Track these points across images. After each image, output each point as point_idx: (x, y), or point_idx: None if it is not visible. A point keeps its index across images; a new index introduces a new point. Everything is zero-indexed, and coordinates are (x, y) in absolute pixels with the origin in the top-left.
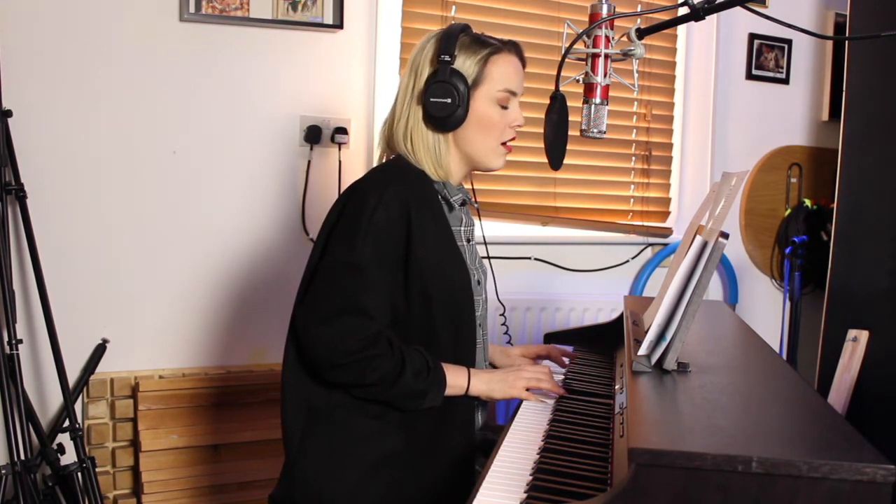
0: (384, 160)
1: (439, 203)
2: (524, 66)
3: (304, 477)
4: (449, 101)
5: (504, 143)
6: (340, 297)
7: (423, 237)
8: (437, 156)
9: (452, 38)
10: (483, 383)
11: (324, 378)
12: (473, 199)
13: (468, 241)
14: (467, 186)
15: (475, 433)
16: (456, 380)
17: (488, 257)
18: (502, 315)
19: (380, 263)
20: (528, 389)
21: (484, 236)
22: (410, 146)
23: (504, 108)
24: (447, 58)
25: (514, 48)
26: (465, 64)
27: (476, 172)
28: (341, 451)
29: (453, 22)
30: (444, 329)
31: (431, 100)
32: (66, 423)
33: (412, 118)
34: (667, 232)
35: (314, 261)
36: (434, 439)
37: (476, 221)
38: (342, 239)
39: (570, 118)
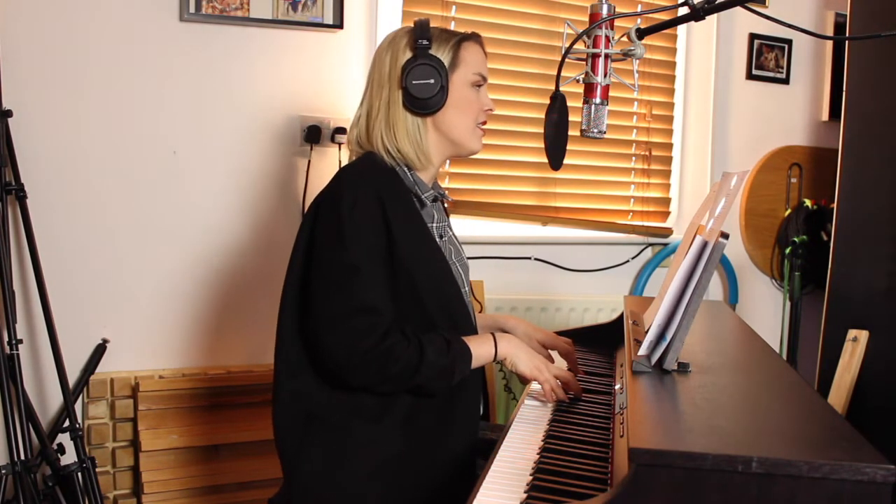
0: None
1: (411, 199)
2: (486, 55)
3: (303, 483)
4: (432, 81)
5: (479, 126)
6: (345, 300)
7: (401, 231)
8: (417, 141)
9: (426, 27)
10: (512, 347)
11: (347, 383)
12: (447, 195)
13: (441, 237)
14: (446, 184)
15: (477, 435)
16: (482, 349)
17: (491, 258)
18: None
19: (372, 258)
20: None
21: (452, 229)
22: (392, 134)
23: (477, 90)
24: (425, 42)
25: (477, 38)
26: (439, 50)
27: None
28: (340, 456)
29: (417, 19)
30: (441, 323)
31: (414, 82)
32: (66, 423)
33: (392, 104)
34: (667, 232)
35: (296, 271)
36: (435, 442)
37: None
38: (330, 244)
39: (570, 118)
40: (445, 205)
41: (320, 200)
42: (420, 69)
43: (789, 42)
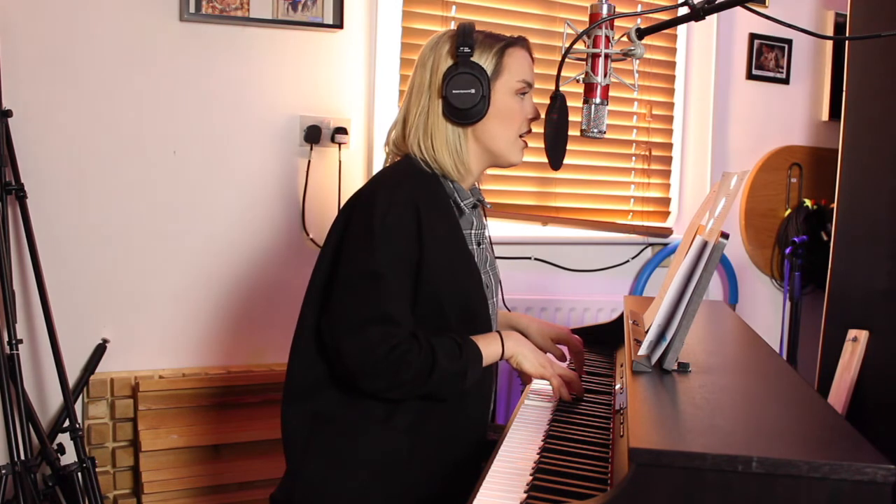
0: (388, 163)
1: (450, 205)
2: (533, 60)
3: (307, 480)
4: (473, 91)
5: (521, 137)
6: (365, 307)
7: (434, 239)
8: (456, 151)
9: (469, 33)
10: (518, 346)
11: (359, 388)
12: (486, 202)
13: (479, 244)
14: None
15: (484, 438)
16: (490, 348)
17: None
18: None
19: (398, 268)
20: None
21: (490, 237)
22: (430, 143)
23: (521, 98)
24: (467, 49)
25: (523, 42)
26: (482, 57)
27: (488, 172)
28: (346, 456)
29: (461, 22)
30: (461, 333)
31: (454, 91)
32: (66, 423)
33: (431, 113)
34: (667, 232)
35: (323, 269)
36: (441, 447)
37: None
38: (358, 247)
39: (570, 118)
40: (484, 211)
41: (355, 201)
42: (461, 78)
43: (789, 42)
